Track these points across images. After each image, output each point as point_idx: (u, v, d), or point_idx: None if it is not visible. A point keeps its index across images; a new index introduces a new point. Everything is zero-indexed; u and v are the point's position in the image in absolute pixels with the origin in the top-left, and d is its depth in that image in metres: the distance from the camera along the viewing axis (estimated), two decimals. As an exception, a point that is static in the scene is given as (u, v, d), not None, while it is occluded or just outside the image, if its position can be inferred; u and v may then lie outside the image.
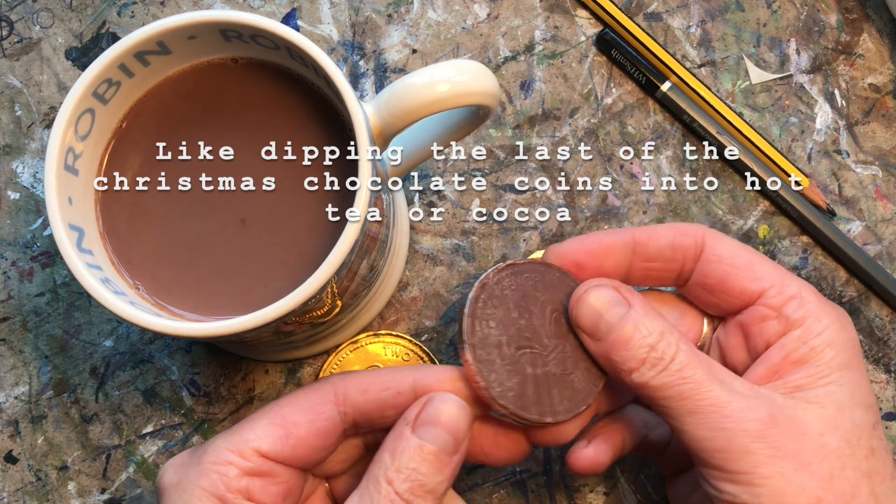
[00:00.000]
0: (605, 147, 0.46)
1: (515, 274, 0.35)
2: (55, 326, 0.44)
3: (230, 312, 0.35)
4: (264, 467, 0.32)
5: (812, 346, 0.33)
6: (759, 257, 0.35)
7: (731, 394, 0.32)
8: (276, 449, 0.32)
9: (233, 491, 0.31)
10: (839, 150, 0.46)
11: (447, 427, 0.32)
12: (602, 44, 0.46)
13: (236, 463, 0.32)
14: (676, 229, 0.35)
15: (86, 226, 0.35)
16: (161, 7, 0.47)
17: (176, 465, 0.33)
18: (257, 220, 0.36)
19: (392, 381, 0.34)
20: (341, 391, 0.34)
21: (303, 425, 0.33)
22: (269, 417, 0.33)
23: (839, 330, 0.34)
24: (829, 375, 0.33)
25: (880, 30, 0.47)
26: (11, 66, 0.46)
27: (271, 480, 0.32)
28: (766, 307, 0.34)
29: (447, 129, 0.38)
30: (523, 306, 0.35)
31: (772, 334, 0.34)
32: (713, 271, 0.35)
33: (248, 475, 0.32)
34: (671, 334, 0.33)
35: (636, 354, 0.33)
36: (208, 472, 0.32)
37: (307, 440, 0.33)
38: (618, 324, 0.33)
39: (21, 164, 0.45)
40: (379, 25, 0.46)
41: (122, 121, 0.37)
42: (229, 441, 0.32)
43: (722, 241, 0.35)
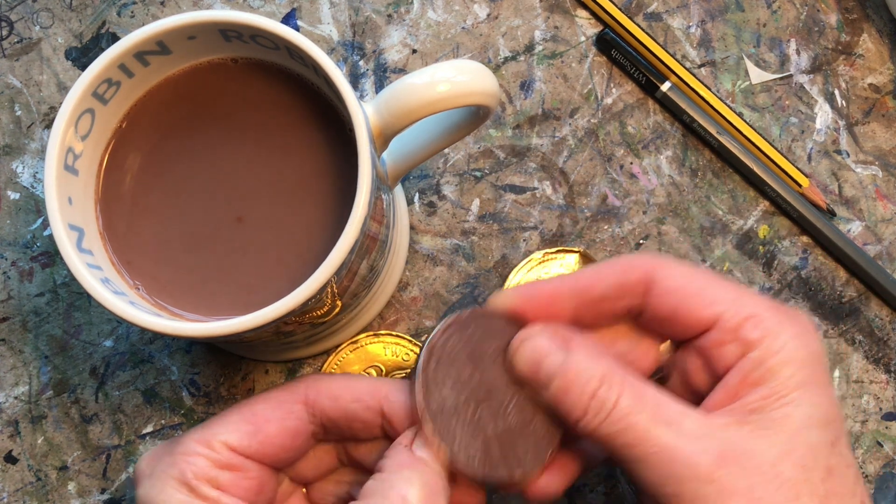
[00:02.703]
0: (605, 147, 0.46)
1: (461, 329, 0.34)
2: (55, 326, 0.44)
3: (230, 312, 0.35)
4: (233, 461, 0.33)
5: (769, 367, 0.32)
6: (712, 280, 0.34)
7: (678, 437, 0.31)
8: (244, 443, 0.33)
9: (201, 479, 0.32)
10: (839, 150, 0.46)
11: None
12: (602, 44, 0.46)
13: (205, 454, 0.33)
14: (621, 267, 0.34)
15: (86, 226, 0.35)
16: (161, 7, 0.47)
17: (150, 457, 0.34)
18: (257, 220, 0.36)
19: (363, 395, 0.34)
20: (312, 394, 0.34)
21: (272, 422, 0.34)
22: (240, 413, 0.34)
23: (798, 346, 0.33)
24: (787, 395, 0.32)
25: (880, 30, 0.47)
26: (11, 66, 0.46)
27: (241, 475, 0.33)
28: (722, 331, 0.33)
29: (447, 129, 0.38)
30: (475, 361, 0.34)
31: (730, 357, 0.33)
32: (664, 304, 0.34)
33: (218, 467, 0.33)
34: (614, 376, 0.32)
35: (578, 403, 0.32)
36: (178, 462, 0.33)
37: (276, 437, 0.34)
38: (556, 372, 0.32)
39: (21, 164, 0.45)
40: (379, 25, 0.46)
41: (122, 121, 0.37)
42: (200, 434, 0.33)
43: (670, 271, 0.34)
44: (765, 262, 0.45)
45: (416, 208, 0.45)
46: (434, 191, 0.45)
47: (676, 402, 0.32)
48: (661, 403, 0.32)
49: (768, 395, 0.32)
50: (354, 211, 0.33)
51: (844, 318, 0.45)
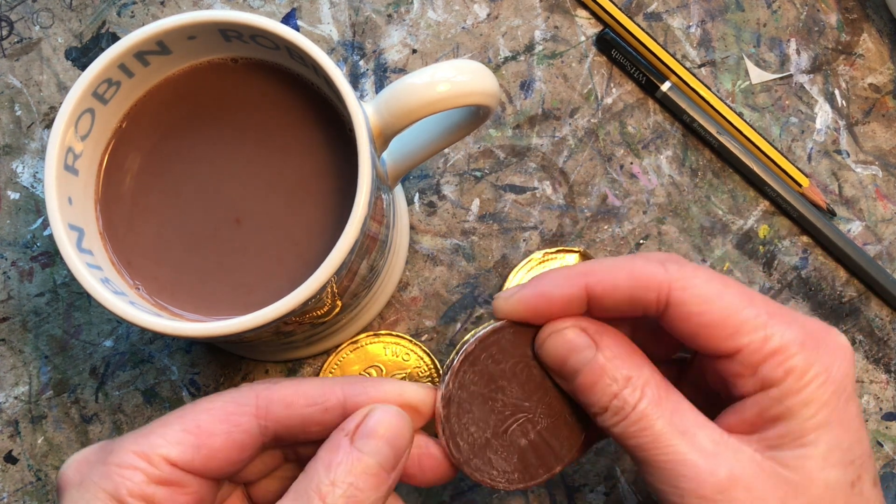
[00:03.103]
0: (605, 147, 0.46)
1: (472, 364, 0.34)
2: (55, 326, 0.44)
3: (230, 312, 0.35)
4: (173, 476, 0.30)
5: (788, 406, 0.31)
6: (739, 301, 0.32)
7: (690, 449, 0.31)
8: (186, 458, 0.30)
9: (136, 496, 0.30)
10: (839, 150, 0.46)
11: (389, 440, 0.31)
12: (602, 44, 0.46)
13: (142, 469, 0.30)
14: (636, 279, 0.32)
15: (86, 226, 0.35)
16: (161, 7, 0.47)
17: (79, 462, 0.31)
18: (257, 220, 0.36)
19: (320, 397, 0.32)
20: (263, 403, 0.32)
21: (218, 436, 0.31)
22: (183, 424, 0.31)
23: (823, 383, 0.31)
24: (804, 437, 0.31)
25: (880, 30, 0.47)
26: (11, 66, 0.46)
27: (179, 490, 0.31)
28: (742, 365, 0.31)
29: (447, 129, 0.38)
30: (493, 388, 0.34)
31: (748, 388, 0.32)
32: (681, 328, 0.32)
33: (154, 482, 0.30)
34: (639, 378, 0.32)
35: (599, 401, 0.32)
36: (112, 474, 0.30)
37: (221, 452, 0.31)
38: (583, 370, 0.32)
39: (21, 164, 0.45)
40: (379, 25, 0.46)
41: (122, 121, 0.37)
42: (137, 443, 0.31)
43: (691, 293, 0.31)
44: (765, 262, 0.45)
45: (416, 208, 0.45)
46: (434, 191, 0.45)
47: (695, 412, 0.32)
48: (680, 411, 0.32)
49: (785, 433, 0.31)
50: (354, 211, 0.33)
51: (844, 318, 0.45)
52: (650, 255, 0.33)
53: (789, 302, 0.45)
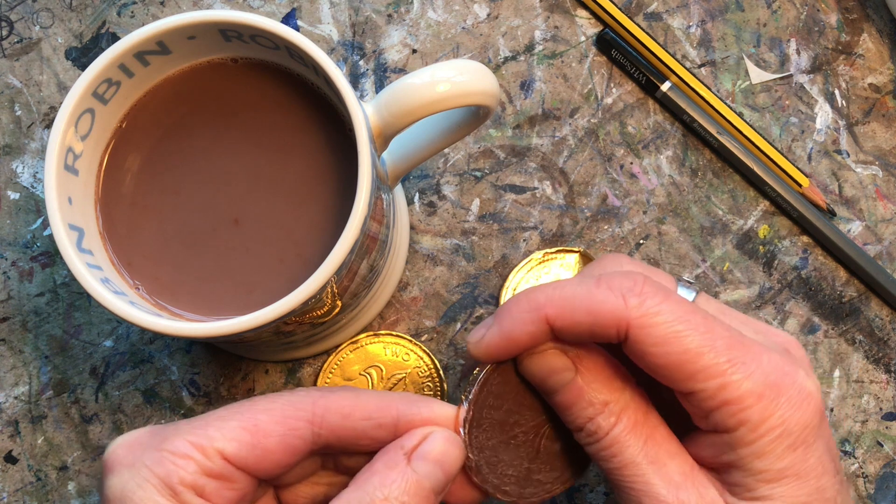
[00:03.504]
0: (605, 147, 0.46)
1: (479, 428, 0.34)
2: (55, 326, 0.44)
3: (230, 312, 0.35)
4: (224, 471, 0.31)
5: (740, 456, 0.30)
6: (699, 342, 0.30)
7: (659, 480, 0.31)
8: (240, 455, 0.31)
9: (187, 485, 0.30)
10: (839, 150, 0.46)
11: (442, 465, 0.32)
12: (602, 44, 0.46)
13: (197, 459, 0.30)
14: (595, 315, 0.31)
15: (86, 226, 0.35)
16: (161, 7, 0.47)
17: (130, 443, 0.32)
18: (257, 220, 0.36)
19: (376, 412, 0.32)
20: (320, 411, 0.32)
21: (273, 438, 0.31)
22: (241, 421, 0.31)
23: (779, 436, 0.30)
24: (756, 490, 0.30)
25: (880, 30, 0.47)
26: (11, 66, 0.46)
27: (228, 485, 0.31)
28: (697, 408, 0.31)
29: (447, 129, 0.38)
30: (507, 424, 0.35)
31: (706, 426, 0.32)
32: (638, 362, 0.32)
33: (206, 475, 0.30)
34: (617, 404, 0.32)
35: (575, 421, 0.33)
36: (165, 460, 0.30)
37: (274, 454, 0.32)
38: (561, 390, 0.33)
39: (21, 164, 0.45)
40: (379, 25, 0.46)
41: (122, 121, 0.37)
42: (194, 434, 0.31)
43: (648, 332, 0.30)
44: (765, 262, 0.45)
45: (416, 208, 0.45)
46: (434, 191, 0.45)
47: (669, 440, 0.32)
48: (654, 439, 0.32)
49: (740, 483, 0.31)
50: (354, 211, 0.33)
51: (844, 317, 0.45)
52: (614, 280, 0.31)
53: (789, 302, 0.45)
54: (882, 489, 0.44)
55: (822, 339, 0.45)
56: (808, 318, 0.45)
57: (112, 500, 0.30)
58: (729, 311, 0.34)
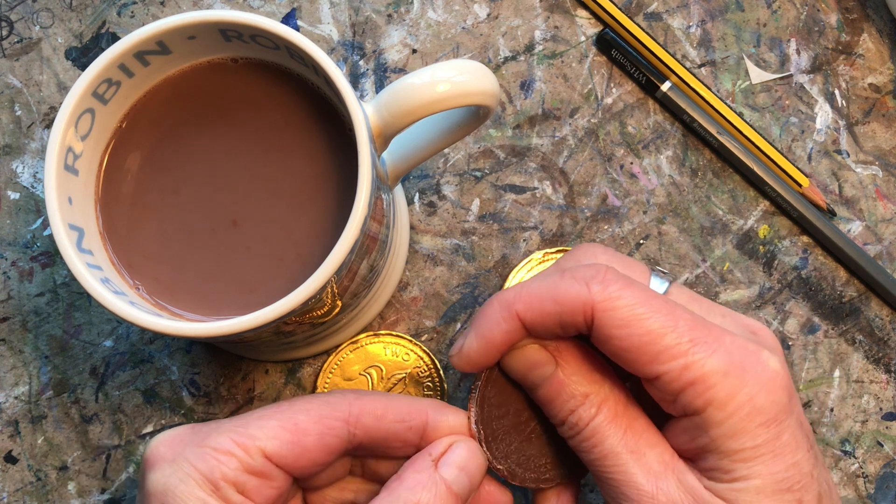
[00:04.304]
0: (605, 147, 0.46)
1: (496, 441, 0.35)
2: (55, 326, 0.44)
3: (230, 312, 0.35)
4: (265, 468, 0.32)
5: (712, 437, 0.31)
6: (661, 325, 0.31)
7: (638, 469, 0.31)
8: (281, 453, 0.32)
9: (229, 481, 0.31)
10: (839, 150, 0.46)
11: (468, 472, 0.33)
12: (602, 44, 0.46)
13: (239, 457, 0.31)
14: (562, 304, 0.32)
15: (86, 226, 0.35)
16: (161, 7, 0.47)
17: (171, 441, 0.32)
18: (257, 220, 0.36)
19: (408, 415, 0.34)
20: (356, 411, 0.33)
21: (311, 437, 0.33)
22: (281, 421, 0.32)
23: (748, 414, 0.30)
24: (734, 472, 0.31)
25: (880, 30, 0.47)
26: (11, 66, 0.46)
27: (267, 483, 0.32)
28: (663, 391, 0.31)
29: (447, 129, 0.38)
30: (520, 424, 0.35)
31: (675, 411, 0.32)
32: (604, 348, 0.32)
33: (247, 472, 0.31)
34: (597, 395, 0.33)
35: (558, 415, 0.33)
36: (207, 456, 0.31)
37: (311, 452, 0.33)
38: (543, 384, 0.33)
39: (21, 164, 0.45)
40: (379, 25, 0.46)
41: (122, 121, 0.37)
42: (237, 432, 0.32)
43: (611, 315, 0.31)
44: (765, 262, 0.45)
45: (416, 208, 0.45)
46: (434, 191, 0.45)
47: (650, 430, 0.33)
48: (634, 429, 0.32)
49: (716, 467, 0.31)
50: (354, 211, 0.33)
51: (845, 317, 0.45)
52: (578, 271, 0.32)
53: (789, 302, 0.45)
54: (882, 489, 0.44)
55: (822, 339, 0.45)
56: (808, 318, 0.45)
57: (154, 495, 0.31)
58: (699, 298, 0.35)
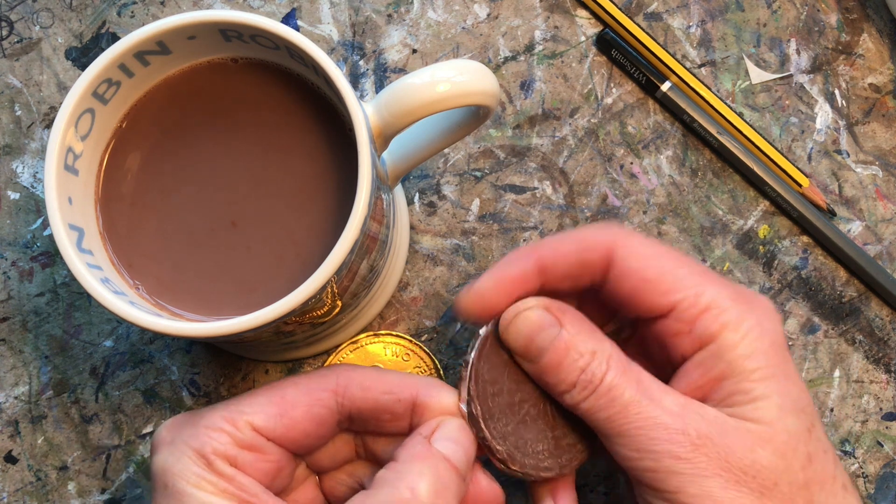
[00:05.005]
0: (606, 147, 0.46)
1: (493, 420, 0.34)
2: (55, 326, 0.44)
3: (230, 312, 0.35)
4: (256, 442, 0.33)
5: (728, 361, 0.32)
6: (674, 262, 0.33)
7: (661, 412, 0.32)
8: (269, 426, 0.33)
9: (220, 455, 0.32)
10: (839, 150, 0.46)
11: (464, 448, 0.33)
12: (602, 44, 0.46)
13: (229, 431, 0.32)
14: (582, 243, 0.34)
15: (86, 226, 0.35)
16: (161, 7, 0.47)
17: (171, 425, 0.34)
18: (257, 220, 0.36)
19: (396, 387, 0.34)
20: (343, 382, 0.34)
21: (299, 407, 0.33)
22: (269, 395, 0.33)
23: (759, 335, 0.32)
24: (754, 391, 0.32)
25: (880, 30, 0.47)
26: (11, 66, 0.46)
27: (261, 456, 0.33)
28: (678, 321, 0.33)
29: (447, 129, 0.38)
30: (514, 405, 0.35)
31: (686, 348, 0.33)
32: (622, 286, 0.33)
33: (239, 446, 0.32)
34: (603, 352, 0.33)
35: (567, 378, 0.33)
36: (200, 434, 0.32)
37: (301, 423, 0.33)
38: (549, 347, 0.33)
39: (21, 164, 0.45)
40: (379, 25, 0.46)
41: (122, 121, 0.37)
42: (226, 409, 0.33)
43: (631, 250, 0.33)
44: (765, 262, 0.45)
45: (416, 208, 0.45)
46: (434, 191, 0.45)
47: (656, 380, 0.33)
48: (643, 380, 0.33)
49: (735, 391, 0.32)
50: (354, 211, 0.33)
51: (845, 317, 0.45)
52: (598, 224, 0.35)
53: (789, 302, 0.45)
54: (882, 489, 0.44)
55: (822, 339, 0.45)
56: (808, 318, 0.45)
57: (157, 476, 0.32)
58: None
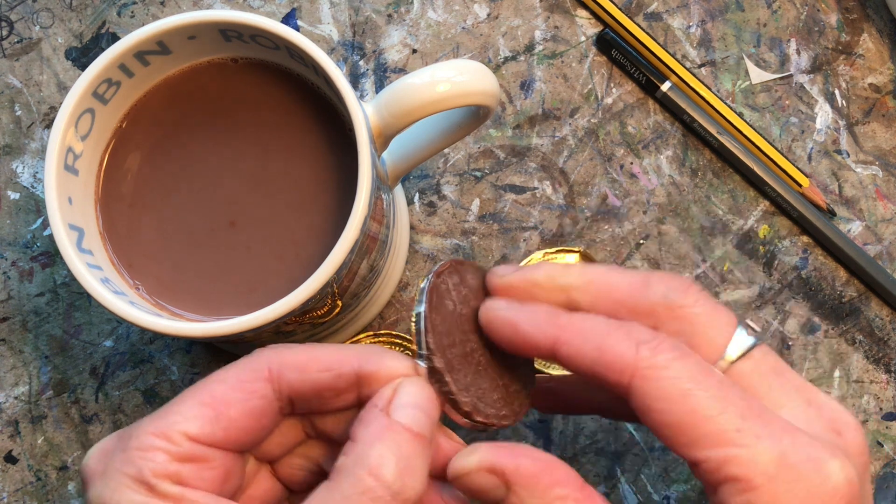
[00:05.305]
0: (606, 147, 0.46)
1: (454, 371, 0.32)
2: (55, 326, 0.44)
3: (230, 312, 0.35)
4: (195, 451, 0.29)
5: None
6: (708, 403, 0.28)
7: None
8: (206, 431, 0.29)
9: (160, 476, 0.29)
10: (839, 150, 0.46)
11: (423, 408, 0.30)
12: (602, 44, 0.46)
13: (164, 448, 0.29)
14: (603, 355, 0.29)
15: (86, 226, 0.35)
16: (161, 7, 0.47)
17: (100, 452, 0.31)
18: (257, 220, 0.36)
19: (335, 363, 0.31)
20: (276, 367, 0.31)
21: (234, 405, 0.30)
22: (198, 397, 0.30)
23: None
24: None
25: (880, 30, 0.47)
26: (11, 66, 0.46)
27: (205, 465, 0.30)
28: (703, 479, 0.28)
29: (447, 129, 0.38)
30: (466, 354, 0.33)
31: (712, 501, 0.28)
32: (641, 418, 0.29)
33: (178, 460, 0.29)
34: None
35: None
36: (133, 458, 0.29)
37: (240, 421, 0.30)
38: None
39: (21, 164, 0.45)
40: (379, 25, 0.46)
41: (122, 121, 0.37)
42: (155, 424, 0.29)
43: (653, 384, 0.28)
44: (765, 262, 0.45)
45: (416, 208, 0.45)
46: (434, 191, 0.45)
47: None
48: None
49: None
50: (354, 211, 0.33)
51: (845, 317, 0.45)
52: (634, 328, 0.30)
53: (789, 302, 0.45)
54: (882, 489, 0.44)
55: (822, 339, 0.45)
56: (808, 318, 0.45)
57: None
58: (786, 371, 0.30)
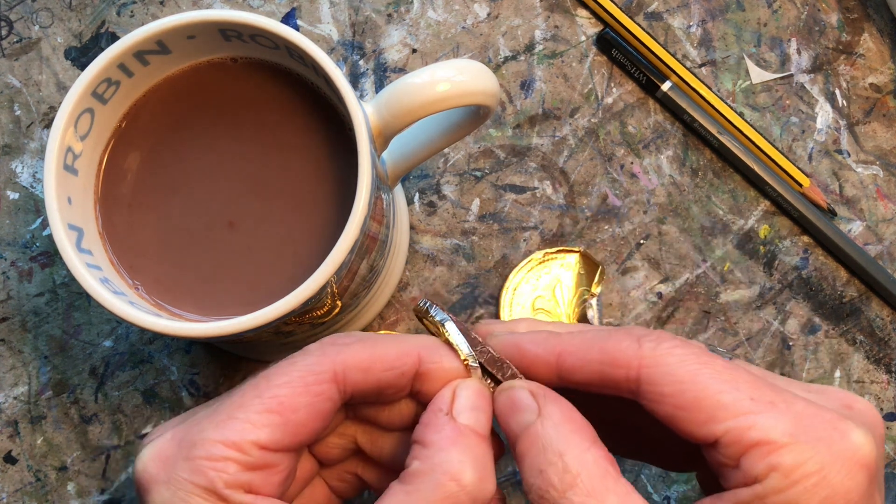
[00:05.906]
0: (606, 147, 0.46)
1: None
2: (55, 326, 0.44)
3: (230, 312, 0.35)
4: (265, 459, 0.29)
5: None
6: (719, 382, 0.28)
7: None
8: (275, 439, 0.29)
9: (232, 486, 0.29)
10: (840, 149, 0.46)
11: (483, 409, 0.31)
12: (602, 43, 0.46)
13: (235, 458, 0.29)
14: (607, 355, 0.30)
15: (85, 226, 0.35)
16: (160, 7, 0.47)
17: (158, 458, 0.30)
18: (257, 220, 0.36)
19: (397, 361, 0.31)
20: (340, 369, 0.31)
21: (301, 410, 0.30)
22: (264, 403, 0.30)
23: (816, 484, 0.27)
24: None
25: (881, 29, 0.47)
26: (11, 66, 0.46)
27: (273, 470, 0.30)
28: (722, 455, 0.28)
29: (447, 129, 0.38)
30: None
31: (731, 480, 0.28)
32: (656, 410, 0.29)
33: (249, 470, 0.29)
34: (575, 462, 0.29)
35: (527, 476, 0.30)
36: (203, 468, 0.29)
37: (307, 426, 0.30)
38: (521, 434, 0.30)
39: (20, 164, 0.45)
40: (379, 25, 0.46)
41: (122, 120, 0.37)
42: (222, 433, 0.29)
43: (662, 371, 0.29)
44: (765, 262, 0.45)
45: (416, 208, 0.45)
46: (434, 191, 0.45)
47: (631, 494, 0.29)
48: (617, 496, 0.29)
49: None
50: (354, 211, 0.33)
51: (845, 318, 0.45)
52: (632, 329, 0.30)
53: (790, 302, 0.45)
54: (883, 489, 0.44)
55: (822, 339, 0.45)
56: (808, 318, 0.45)
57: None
58: (774, 375, 0.31)
